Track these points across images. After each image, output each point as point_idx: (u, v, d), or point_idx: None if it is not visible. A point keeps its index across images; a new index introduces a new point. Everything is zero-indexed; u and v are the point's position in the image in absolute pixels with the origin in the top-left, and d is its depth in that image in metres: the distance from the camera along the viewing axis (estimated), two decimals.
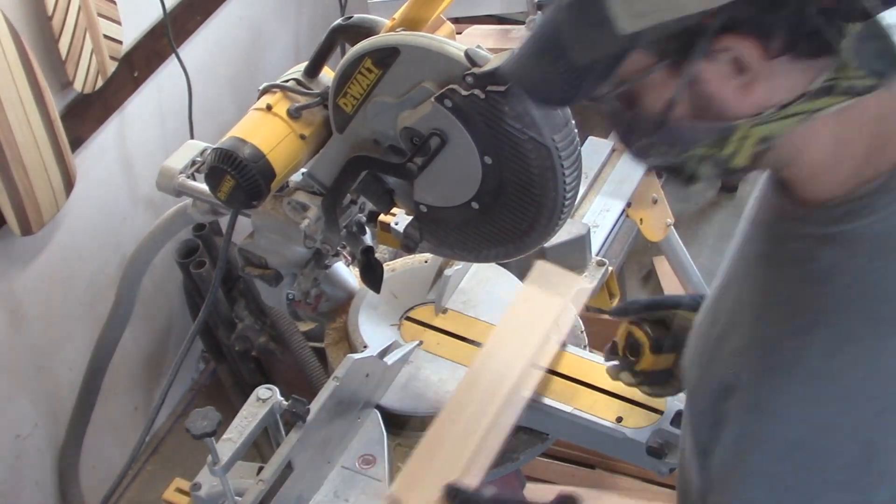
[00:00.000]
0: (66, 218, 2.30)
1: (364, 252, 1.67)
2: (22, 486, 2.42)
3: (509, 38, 2.65)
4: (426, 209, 1.50)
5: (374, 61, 1.38)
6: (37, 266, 2.27)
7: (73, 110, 2.21)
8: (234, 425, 1.49)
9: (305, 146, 1.52)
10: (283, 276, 1.68)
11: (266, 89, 1.55)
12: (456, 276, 1.81)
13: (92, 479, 2.59)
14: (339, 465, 1.58)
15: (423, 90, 1.37)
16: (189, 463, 2.65)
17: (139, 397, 2.78)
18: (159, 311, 2.76)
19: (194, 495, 1.52)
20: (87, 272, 2.44)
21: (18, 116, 1.98)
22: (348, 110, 1.45)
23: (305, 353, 2.46)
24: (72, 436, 2.47)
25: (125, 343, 2.44)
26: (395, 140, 1.44)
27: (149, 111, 2.51)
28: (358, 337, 1.75)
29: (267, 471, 1.47)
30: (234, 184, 1.49)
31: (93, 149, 2.34)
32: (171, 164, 1.85)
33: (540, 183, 1.38)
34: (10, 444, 2.35)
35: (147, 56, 2.41)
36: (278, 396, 1.52)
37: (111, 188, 2.47)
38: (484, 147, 1.37)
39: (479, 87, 1.32)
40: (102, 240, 2.47)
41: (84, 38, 2.12)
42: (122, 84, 2.34)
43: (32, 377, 2.36)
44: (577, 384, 1.65)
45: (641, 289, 3.29)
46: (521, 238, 1.47)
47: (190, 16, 2.54)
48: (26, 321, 2.29)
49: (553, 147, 1.35)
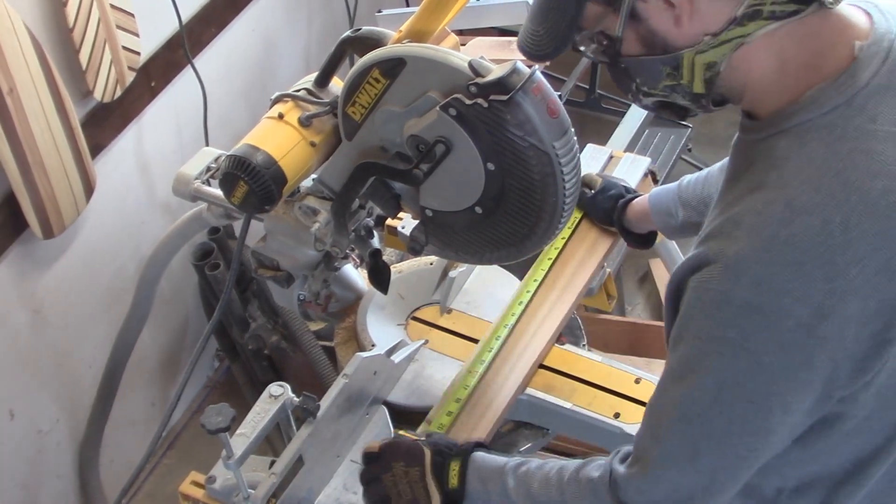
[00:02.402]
0: (86, 222, 2.30)
1: (372, 255, 1.67)
2: (43, 479, 2.42)
3: (511, 49, 2.65)
4: (431, 213, 1.50)
5: (382, 72, 1.38)
6: (58, 268, 2.28)
7: (92, 118, 2.21)
8: (248, 421, 1.49)
9: (316, 153, 1.52)
10: (295, 277, 1.68)
11: (278, 98, 1.55)
12: (460, 277, 1.81)
13: (111, 473, 2.59)
14: (348, 458, 1.58)
15: (428, 99, 1.37)
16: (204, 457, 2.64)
17: (156, 394, 2.78)
18: (176, 311, 2.77)
19: (209, 488, 1.52)
20: (106, 274, 2.44)
21: (41, 124, 1.98)
22: (357, 118, 1.45)
23: (316, 352, 2.46)
24: (92, 430, 2.47)
25: (143, 342, 2.44)
26: (401, 147, 1.44)
27: (165, 119, 2.51)
28: (366, 336, 1.75)
29: (279, 464, 1.47)
30: (248, 189, 1.49)
31: (112, 155, 2.34)
32: (186, 171, 1.86)
33: (541, 188, 1.38)
34: (33, 439, 2.35)
35: (164, 66, 2.41)
36: (290, 393, 1.52)
37: (129, 193, 2.47)
38: (487, 154, 1.37)
39: (483, 96, 1.32)
40: (121, 243, 2.47)
41: (104, 50, 2.12)
42: (140, 93, 2.35)
43: (54, 374, 2.36)
44: (576, 381, 1.65)
45: (638, 290, 3.29)
46: (522, 241, 1.47)
47: (205, 28, 2.54)
48: (48, 321, 2.29)
49: (553, 154, 1.35)
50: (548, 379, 1.66)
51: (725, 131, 3.74)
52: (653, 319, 3.11)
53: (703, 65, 1.08)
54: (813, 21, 1.05)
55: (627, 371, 1.64)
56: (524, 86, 1.30)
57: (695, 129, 3.31)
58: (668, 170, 3.09)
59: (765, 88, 1.09)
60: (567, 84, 3.05)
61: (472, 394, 1.59)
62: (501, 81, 1.30)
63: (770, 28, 1.04)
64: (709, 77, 1.09)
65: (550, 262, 1.79)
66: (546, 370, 1.67)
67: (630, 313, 3.18)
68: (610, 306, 1.99)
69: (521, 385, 1.62)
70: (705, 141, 3.65)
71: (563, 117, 1.35)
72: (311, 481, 1.53)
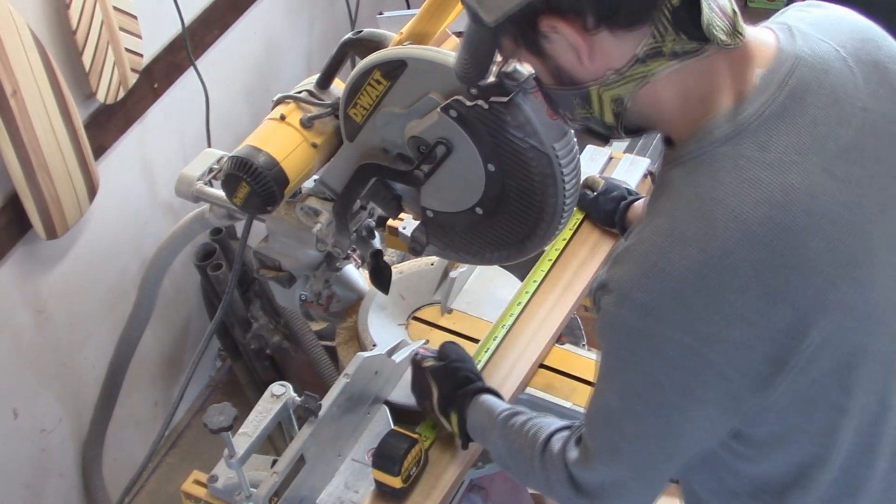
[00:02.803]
0: (89, 222, 2.30)
1: (373, 255, 1.67)
2: (47, 478, 2.42)
3: None
4: (432, 214, 1.50)
5: (383, 73, 1.39)
6: (61, 268, 2.28)
7: (95, 120, 2.21)
8: (250, 420, 1.49)
9: (317, 154, 1.52)
10: (296, 278, 1.68)
11: (280, 100, 1.55)
12: (461, 278, 1.82)
13: (114, 471, 2.59)
14: (350, 457, 1.59)
15: (429, 101, 1.37)
16: (207, 456, 2.65)
17: (159, 393, 2.78)
18: (178, 311, 2.76)
19: (211, 487, 1.52)
20: (109, 274, 2.44)
21: (44, 126, 1.98)
22: (358, 120, 1.45)
23: (317, 352, 2.46)
24: (95, 430, 2.47)
25: (146, 342, 2.44)
26: (402, 148, 1.44)
27: (168, 121, 2.51)
28: (367, 336, 1.75)
29: (281, 463, 1.47)
30: (250, 190, 1.49)
31: (115, 157, 2.34)
32: (189, 172, 1.86)
33: (541, 189, 1.38)
34: (36, 438, 2.35)
35: (167, 68, 2.41)
36: (291, 393, 1.52)
37: (132, 194, 2.47)
38: (487, 155, 1.37)
39: (483, 97, 1.32)
40: (124, 243, 2.47)
41: (106, 52, 2.12)
42: (143, 95, 2.35)
43: (57, 374, 2.36)
44: (575, 381, 1.65)
45: None
46: (522, 242, 1.47)
47: (207, 30, 2.54)
48: (52, 321, 2.29)
49: (553, 155, 1.35)
50: (548, 378, 1.66)
51: None
52: None
53: (610, 99, 1.10)
54: (716, 56, 1.06)
55: None
56: (524, 87, 1.30)
57: None
58: None
59: (671, 121, 1.11)
60: None
61: None
62: (502, 83, 1.30)
63: (673, 67, 1.06)
64: (617, 111, 1.11)
65: (551, 263, 1.79)
66: (546, 370, 1.68)
67: None
68: None
69: (521, 384, 1.63)
70: None
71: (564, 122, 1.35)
72: (313, 480, 1.53)
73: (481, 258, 1.55)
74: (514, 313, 1.72)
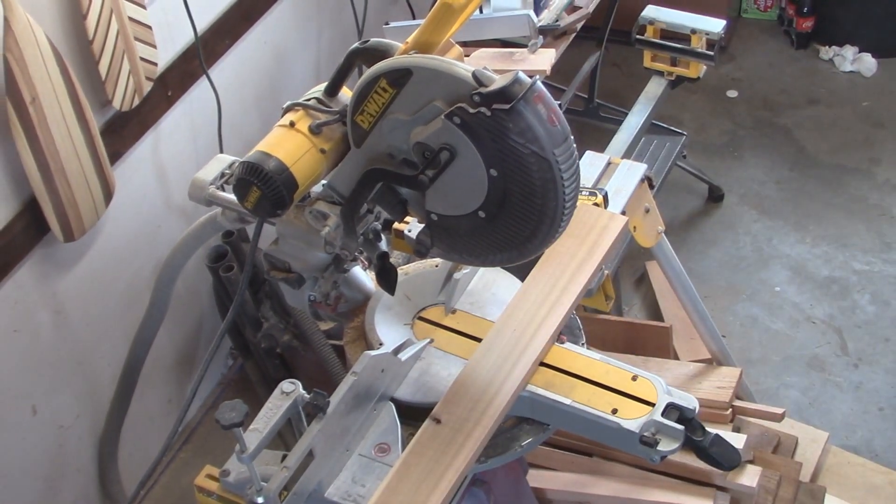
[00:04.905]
0: (105, 225, 2.31)
1: (380, 257, 1.67)
2: (65, 473, 2.43)
3: (513, 60, 2.65)
4: (437, 217, 1.50)
5: (389, 81, 1.39)
6: (79, 270, 2.28)
7: (111, 126, 2.22)
8: (260, 416, 1.49)
9: (325, 160, 1.52)
10: (305, 279, 1.68)
11: (289, 107, 1.55)
12: (464, 279, 1.81)
13: (129, 466, 2.60)
14: (357, 453, 1.58)
15: (433, 108, 1.37)
16: (219, 451, 2.66)
17: (173, 391, 2.78)
18: (191, 311, 2.77)
19: (223, 481, 1.52)
20: (124, 276, 2.45)
21: (62, 132, 1.99)
22: (365, 126, 1.45)
23: (326, 351, 2.46)
24: (111, 426, 2.47)
25: (160, 341, 2.44)
26: (408, 154, 1.44)
27: (181, 127, 2.52)
28: (374, 335, 1.75)
29: (290, 458, 1.47)
30: (260, 194, 1.49)
31: (130, 162, 2.35)
32: (201, 176, 1.86)
33: (541, 193, 1.38)
34: (54, 434, 2.36)
35: (180, 77, 2.42)
36: (301, 390, 1.52)
37: (147, 198, 2.47)
38: (490, 160, 1.37)
39: (486, 105, 1.32)
40: (139, 246, 2.47)
41: (122, 60, 2.13)
42: (157, 102, 2.35)
43: (74, 372, 2.36)
44: (575, 379, 1.65)
45: (635, 291, 3.29)
46: (524, 244, 1.47)
47: (219, 40, 2.55)
48: (69, 321, 2.30)
49: (554, 160, 1.35)
50: (548, 376, 1.66)
51: (719, 139, 3.75)
52: (649, 319, 3.10)
53: None
54: None
55: (625, 369, 1.64)
56: (526, 95, 1.30)
57: (689, 136, 3.31)
58: (663, 176, 3.09)
59: None
60: (567, 93, 3.05)
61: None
62: (504, 91, 1.30)
63: None
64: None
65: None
66: (546, 368, 1.67)
67: (627, 313, 3.18)
68: (608, 307, 1.99)
69: (522, 382, 1.62)
70: (699, 148, 3.65)
71: (563, 125, 1.35)
72: (322, 474, 1.53)
73: (484, 260, 1.54)
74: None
